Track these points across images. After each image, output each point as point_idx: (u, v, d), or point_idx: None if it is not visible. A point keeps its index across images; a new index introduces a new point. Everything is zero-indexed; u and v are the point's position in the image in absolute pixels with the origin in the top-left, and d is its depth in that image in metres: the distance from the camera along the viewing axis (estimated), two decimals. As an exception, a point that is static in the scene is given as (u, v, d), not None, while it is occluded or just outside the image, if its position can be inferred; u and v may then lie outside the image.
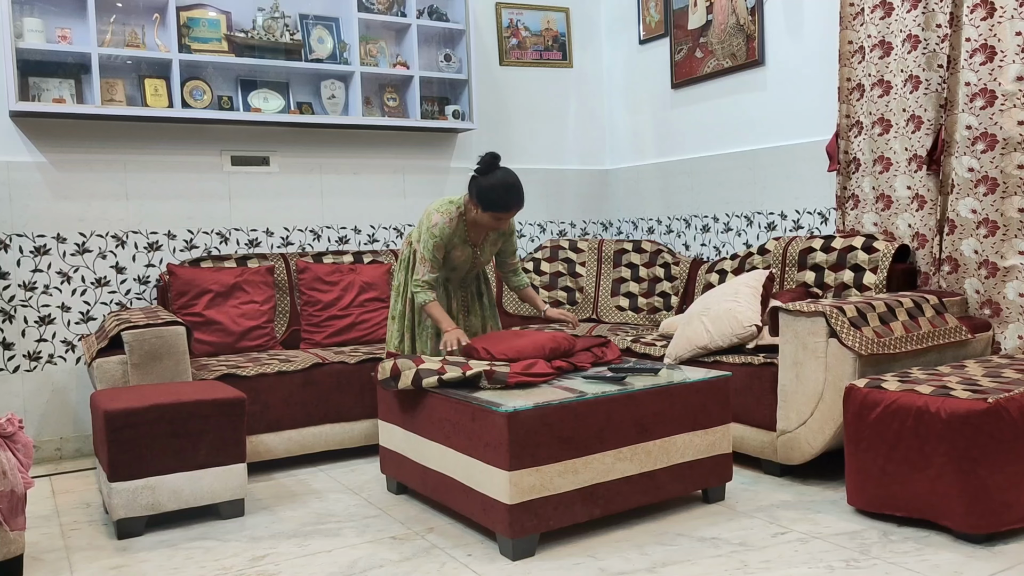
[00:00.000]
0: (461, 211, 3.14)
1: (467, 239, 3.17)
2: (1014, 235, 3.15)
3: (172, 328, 3.14)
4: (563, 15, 5.12)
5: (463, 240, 3.16)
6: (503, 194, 3.02)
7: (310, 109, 4.26)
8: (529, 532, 2.40)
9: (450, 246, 3.13)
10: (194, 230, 4.09)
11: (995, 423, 2.32)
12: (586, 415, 2.49)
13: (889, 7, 3.48)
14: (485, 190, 3.02)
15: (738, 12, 4.26)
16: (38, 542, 2.69)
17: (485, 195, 3.02)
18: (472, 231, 3.18)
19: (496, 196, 3.02)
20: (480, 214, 3.07)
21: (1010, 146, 3.11)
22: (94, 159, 3.87)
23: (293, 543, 2.61)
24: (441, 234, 3.08)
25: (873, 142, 3.60)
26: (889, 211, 3.57)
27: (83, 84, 3.78)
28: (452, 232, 3.10)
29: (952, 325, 3.07)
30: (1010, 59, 3.09)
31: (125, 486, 2.66)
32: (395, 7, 4.44)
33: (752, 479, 3.10)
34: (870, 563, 2.28)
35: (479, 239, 3.21)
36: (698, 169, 4.62)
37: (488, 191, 3.02)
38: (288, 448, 3.45)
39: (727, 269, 4.04)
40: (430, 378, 2.69)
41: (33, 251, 3.74)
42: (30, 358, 3.75)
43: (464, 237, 3.16)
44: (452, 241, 3.12)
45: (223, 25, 4.02)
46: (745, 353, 3.25)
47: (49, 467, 3.64)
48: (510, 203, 3.03)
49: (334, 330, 3.98)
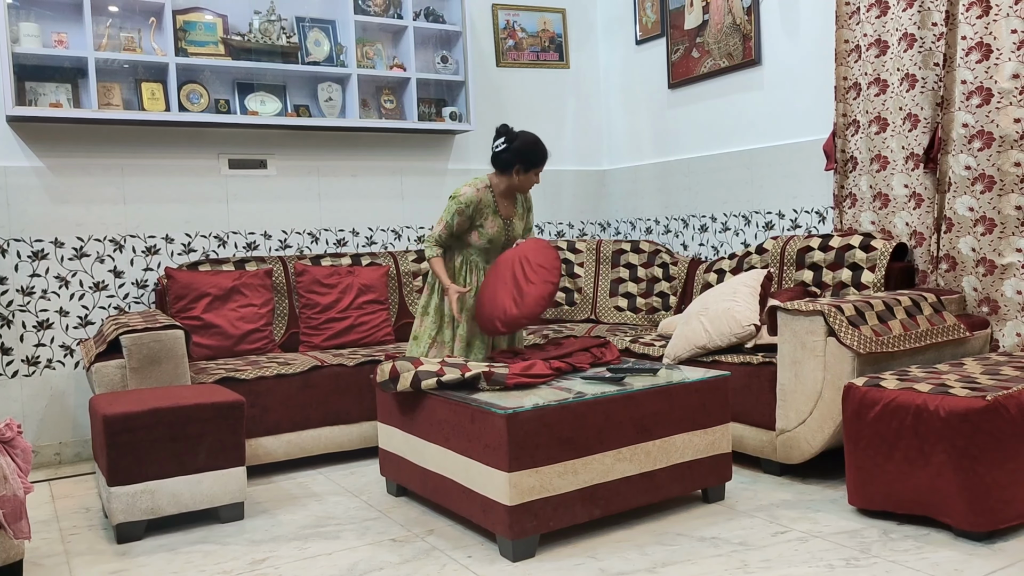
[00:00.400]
0: (487, 185, 3.26)
1: (497, 211, 3.27)
2: (1011, 232, 3.15)
3: (170, 332, 3.14)
4: (559, 16, 5.12)
5: (493, 211, 3.25)
6: (536, 147, 3.23)
7: (307, 112, 4.27)
8: (529, 533, 2.40)
9: (481, 217, 3.23)
10: (192, 234, 4.08)
11: (994, 421, 2.32)
12: (585, 416, 2.49)
13: (885, 6, 3.48)
14: (522, 151, 3.19)
15: (734, 12, 4.26)
16: (38, 547, 2.68)
17: (524, 155, 3.19)
18: (501, 204, 3.28)
19: (533, 152, 3.21)
20: (522, 177, 3.22)
21: (1007, 144, 3.12)
22: (91, 163, 3.87)
23: (293, 546, 2.61)
24: (467, 201, 3.19)
25: (870, 141, 3.60)
26: (887, 209, 3.57)
27: (80, 88, 3.78)
28: (478, 202, 3.21)
29: (950, 323, 3.07)
30: (1006, 57, 3.09)
31: (124, 490, 2.66)
32: (391, 9, 4.44)
33: (752, 478, 3.10)
34: (870, 561, 2.28)
35: (509, 212, 3.31)
36: (696, 169, 4.62)
37: (525, 151, 3.20)
38: (287, 451, 3.45)
39: (725, 269, 4.04)
40: (429, 380, 2.69)
41: (31, 256, 3.74)
42: (28, 363, 3.74)
43: (494, 208, 3.26)
44: (483, 212, 3.23)
45: (219, 28, 4.02)
46: (744, 352, 3.25)
47: (48, 472, 3.64)
48: (545, 152, 3.26)
49: (333, 332, 3.98)
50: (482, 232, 3.23)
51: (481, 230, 3.23)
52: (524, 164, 3.20)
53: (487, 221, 3.23)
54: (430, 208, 4.71)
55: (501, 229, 3.27)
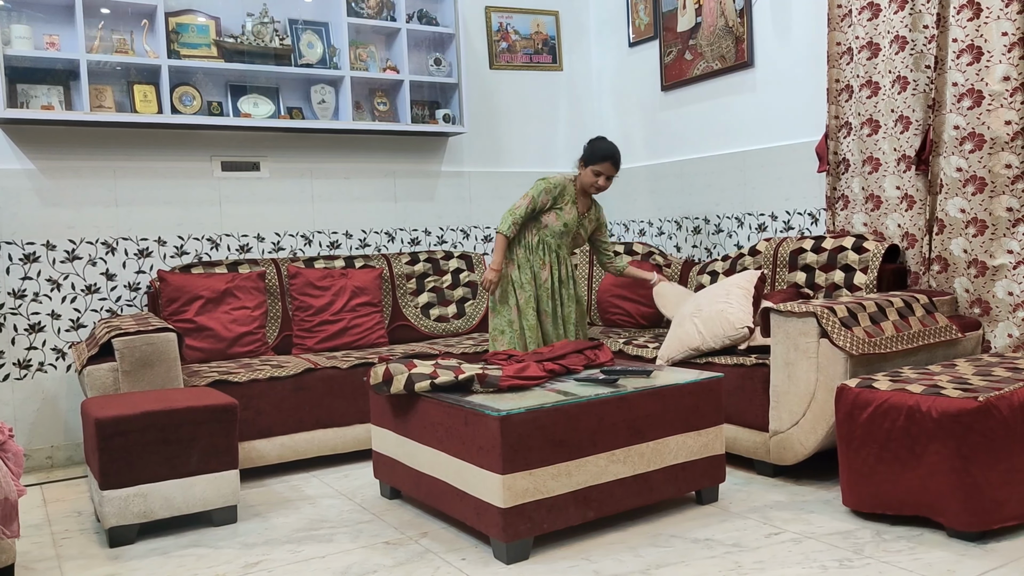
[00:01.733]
0: (572, 179, 3.70)
1: (575, 202, 3.66)
2: (1003, 234, 3.16)
3: (163, 335, 3.13)
4: (553, 18, 5.13)
5: (572, 201, 3.65)
6: (595, 145, 3.64)
7: (300, 114, 4.26)
8: (523, 536, 2.40)
9: (561, 202, 3.62)
10: (184, 236, 4.07)
11: (986, 421, 2.33)
12: (579, 418, 2.49)
13: (876, 8, 3.50)
14: (587, 147, 3.65)
15: (727, 14, 4.27)
16: (29, 551, 2.67)
17: (588, 151, 3.63)
18: (580, 199, 3.69)
19: (593, 148, 3.62)
20: (584, 172, 3.63)
21: (997, 146, 3.13)
22: (83, 166, 3.85)
23: (286, 549, 2.60)
24: (556, 184, 3.63)
25: (862, 143, 3.61)
26: (879, 211, 3.58)
27: (72, 91, 3.77)
28: (563, 187, 3.63)
29: (942, 324, 3.08)
30: (996, 59, 3.11)
31: (117, 494, 2.65)
32: (384, 11, 4.44)
33: (745, 480, 3.11)
34: (864, 562, 2.29)
35: (584, 208, 3.71)
36: (689, 171, 4.63)
37: (589, 147, 3.65)
38: (281, 454, 3.44)
39: (718, 270, 4.05)
40: (422, 382, 2.69)
41: (22, 259, 3.73)
42: (20, 366, 3.73)
43: (573, 199, 3.66)
44: (564, 198, 3.63)
45: (212, 31, 4.01)
46: (737, 354, 3.26)
47: (40, 476, 3.62)
48: (605, 151, 3.60)
49: (326, 335, 3.97)
50: (560, 214, 3.60)
51: (560, 212, 3.61)
52: (586, 159, 3.62)
53: (566, 207, 3.63)
54: (423, 210, 4.71)
55: (575, 219, 3.66)
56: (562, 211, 3.61)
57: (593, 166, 3.58)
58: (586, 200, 3.71)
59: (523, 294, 3.60)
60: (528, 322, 3.60)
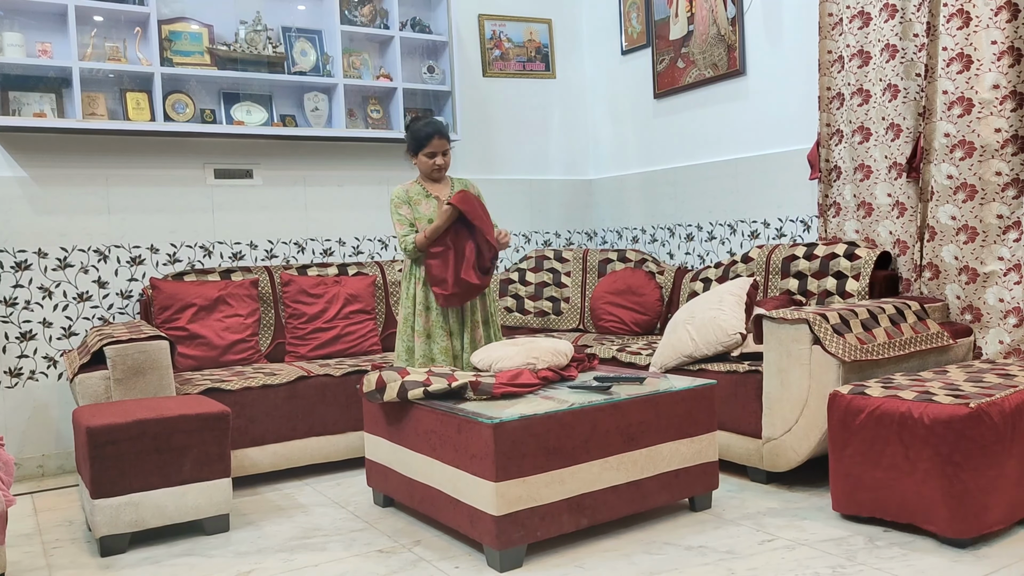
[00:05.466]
0: (414, 180, 3.45)
1: (428, 193, 3.40)
2: (993, 241, 3.18)
3: (155, 343, 3.12)
4: (546, 26, 5.14)
5: (426, 196, 3.39)
6: (422, 125, 3.35)
7: (293, 122, 4.26)
8: (516, 543, 2.40)
9: (414, 203, 3.37)
10: (177, 244, 4.07)
11: (977, 427, 2.34)
12: (572, 425, 2.49)
13: (867, 17, 3.52)
14: (416, 134, 3.35)
15: (719, 22, 4.30)
16: (19, 561, 2.66)
17: (418, 136, 3.34)
18: (433, 188, 3.43)
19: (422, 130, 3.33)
20: (418, 161, 3.38)
21: (987, 153, 3.15)
22: (76, 173, 3.84)
23: (279, 558, 2.59)
24: (397, 196, 3.37)
25: (853, 150, 3.63)
26: (870, 218, 3.60)
27: (64, 98, 3.76)
28: (407, 191, 3.39)
29: (934, 331, 3.10)
30: (986, 67, 3.13)
31: (108, 503, 2.64)
32: (378, 19, 4.44)
33: (738, 487, 3.11)
34: (856, 569, 2.29)
35: (442, 192, 3.43)
36: (681, 178, 4.64)
37: (408, 138, 3.39)
38: (273, 462, 3.43)
39: (711, 277, 4.06)
40: (416, 390, 2.69)
41: (14, 266, 3.71)
42: (11, 374, 3.71)
43: (425, 192, 3.40)
44: (414, 198, 3.38)
45: (205, 38, 4.01)
46: (730, 361, 3.26)
47: (31, 484, 3.60)
48: (433, 126, 3.35)
49: (319, 343, 3.96)
50: (422, 213, 3.35)
51: (419, 210, 3.36)
52: (413, 148, 3.38)
53: (422, 203, 3.37)
54: (417, 218, 4.70)
55: (437, 208, 3.38)
56: (419, 208, 3.34)
57: (423, 151, 3.32)
58: (441, 185, 3.43)
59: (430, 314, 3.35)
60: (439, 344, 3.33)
